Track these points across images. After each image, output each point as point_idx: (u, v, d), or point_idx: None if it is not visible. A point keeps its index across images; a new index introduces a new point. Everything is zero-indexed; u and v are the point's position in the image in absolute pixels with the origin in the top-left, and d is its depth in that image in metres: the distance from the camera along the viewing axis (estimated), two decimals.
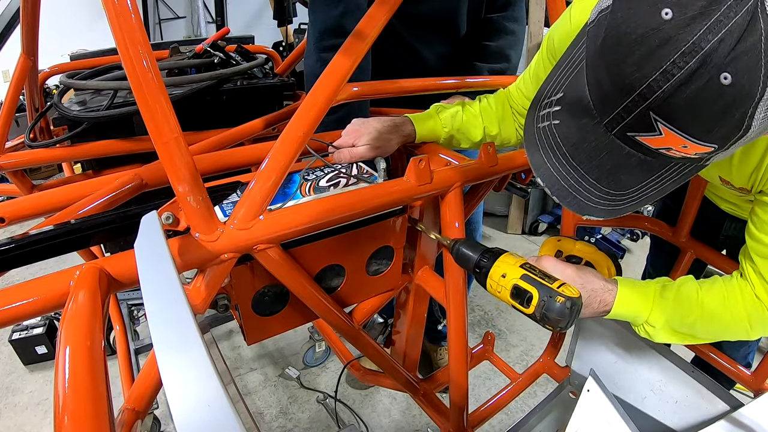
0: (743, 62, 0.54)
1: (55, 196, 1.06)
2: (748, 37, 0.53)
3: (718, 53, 0.54)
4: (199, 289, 0.90)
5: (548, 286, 0.85)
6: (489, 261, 0.93)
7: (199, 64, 1.69)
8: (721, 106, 0.57)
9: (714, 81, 0.55)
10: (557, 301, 0.83)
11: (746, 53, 0.54)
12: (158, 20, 6.05)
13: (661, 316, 0.92)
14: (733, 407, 1.21)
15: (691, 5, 0.54)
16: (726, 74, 0.54)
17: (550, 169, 0.74)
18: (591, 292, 0.91)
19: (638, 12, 0.58)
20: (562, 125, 0.72)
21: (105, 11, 0.68)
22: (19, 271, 0.84)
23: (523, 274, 0.88)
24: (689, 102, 0.57)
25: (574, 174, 0.73)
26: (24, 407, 2.34)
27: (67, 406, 0.49)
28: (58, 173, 4.23)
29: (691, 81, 0.56)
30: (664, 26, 0.55)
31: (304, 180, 1.11)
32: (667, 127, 0.61)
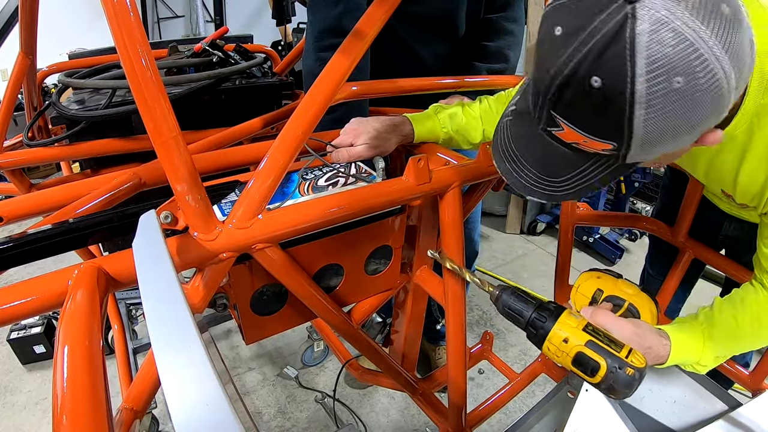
0: (610, 67, 0.63)
1: (54, 195, 1.06)
2: (615, 45, 0.62)
3: (588, 60, 0.64)
4: (197, 288, 0.90)
5: (617, 355, 0.81)
6: (547, 322, 0.87)
7: (197, 63, 1.68)
8: (595, 104, 0.66)
9: (586, 83, 0.65)
10: (627, 373, 0.80)
11: (612, 58, 0.62)
12: (157, 19, 6.04)
13: (711, 356, 0.98)
14: (731, 407, 1.21)
15: (573, 23, 0.65)
16: (596, 78, 0.64)
17: (501, 155, 0.86)
18: (647, 350, 0.92)
19: (545, 27, 0.70)
20: (514, 120, 0.85)
21: (104, 10, 0.68)
22: (17, 270, 0.84)
23: (589, 341, 0.83)
24: (571, 101, 0.69)
25: (516, 160, 0.84)
26: (22, 407, 2.34)
27: (66, 405, 0.48)
28: (56, 172, 4.22)
29: (569, 84, 0.67)
30: (554, 39, 0.67)
31: (303, 179, 1.11)
32: (564, 123, 0.72)
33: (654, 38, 0.61)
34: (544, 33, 0.70)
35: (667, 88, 0.63)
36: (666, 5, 0.60)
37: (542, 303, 0.90)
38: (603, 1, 0.63)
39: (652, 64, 0.61)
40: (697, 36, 0.61)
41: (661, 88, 0.63)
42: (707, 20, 0.61)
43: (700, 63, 0.62)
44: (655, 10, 0.60)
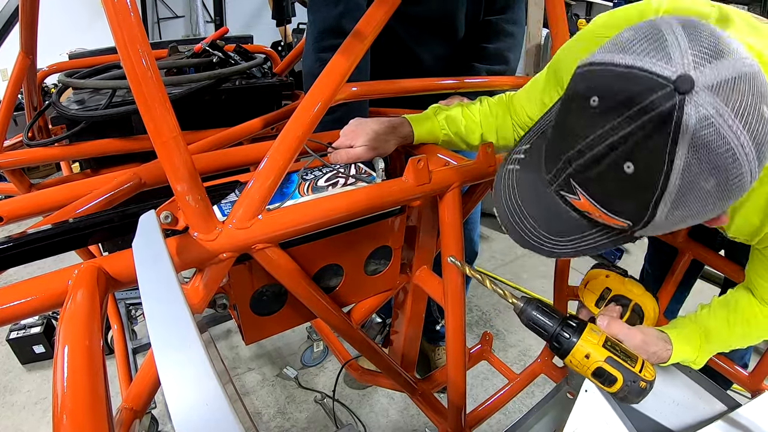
0: (647, 157, 0.61)
1: (54, 195, 1.06)
2: (657, 137, 0.60)
3: (625, 144, 0.62)
4: (197, 288, 0.90)
5: (632, 370, 0.89)
6: (571, 338, 0.92)
7: (197, 64, 1.68)
8: (622, 188, 0.66)
9: (618, 166, 0.63)
10: (640, 386, 0.89)
11: (651, 149, 0.61)
12: (157, 19, 6.04)
13: (705, 356, 1.05)
14: (730, 408, 1.22)
15: (613, 98, 0.62)
16: (629, 163, 0.62)
17: (503, 205, 0.85)
18: (652, 354, 0.99)
19: (577, 92, 0.68)
20: (521, 171, 0.84)
21: (104, 10, 0.68)
22: (17, 270, 0.84)
23: (608, 357, 0.90)
24: (597, 178, 0.67)
25: (519, 214, 0.83)
26: (21, 406, 2.34)
27: (66, 405, 0.49)
28: (56, 172, 4.22)
29: (599, 162, 0.65)
30: (588, 111, 0.64)
31: (303, 180, 1.11)
32: (583, 195, 0.71)
33: (698, 137, 0.59)
34: (576, 96, 0.68)
35: (697, 187, 0.62)
36: (714, 103, 0.59)
37: (565, 318, 0.94)
38: (650, 81, 0.61)
39: (689, 161, 0.60)
40: (737, 141, 0.60)
41: (692, 187, 0.62)
42: (748, 124, 0.60)
43: (735, 168, 0.61)
44: (703, 106, 0.59)
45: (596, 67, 0.66)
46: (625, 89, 0.62)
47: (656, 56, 0.61)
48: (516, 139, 1.28)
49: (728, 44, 0.63)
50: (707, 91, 0.59)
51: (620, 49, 0.65)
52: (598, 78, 0.66)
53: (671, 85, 0.59)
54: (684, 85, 0.58)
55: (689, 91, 0.58)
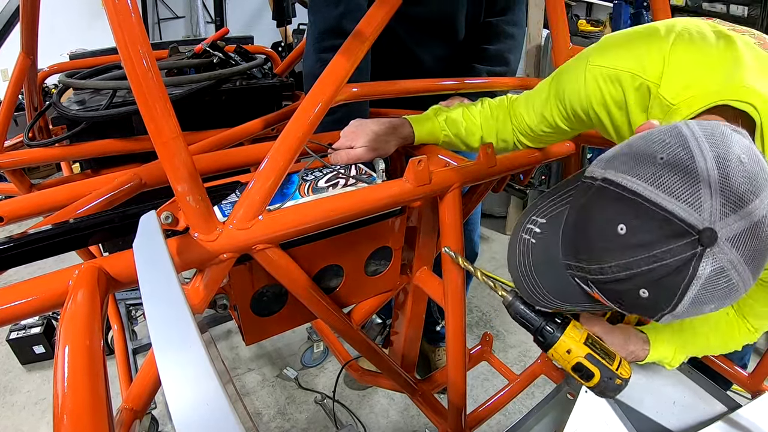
0: (663, 289, 0.67)
1: (54, 196, 1.06)
2: (674, 278, 0.65)
3: (645, 276, 0.67)
4: (197, 288, 0.90)
5: (609, 367, 0.94)
6: (554, 333, 0.96)
7: (198, 64, 1.68)
8: (635, 305, 0.72)
9: (634, 291, 0.69)
10: (615, 383, 0.94)
11: (666, 286, 0.66)
12: (157, 20, 6.04)
13: (680, 359, 1.07)
14: (730, 408, 1.22)
15: (640, 233, 0.66)
16: (645, 291, 0.68)
17: (517, 272, 0.90)
18: (630, 353, 1.03)
19: (603, 212, 0.71)
20: (537, 245, 0.88)
21: (105, 10, 0.68)
22: (18, 270, 0.84)
23: (588, 354, 0.95)
24: (613, 292, 0.73)
25: (533, 282, 0.88)
26: (21, 407, 2.34)
27: (67, 405, 0.49)
28: (56, 172, 4.22)
29: (618, 283, 0.70)
30: (614, 237, 0.68)
31: (303, 180, 1.11)
32: (598, 294, 0.76)
33: (709, 283, 0.65)
34: (603, 217, 0.71)
35: (699, 311, 0.69)
36: (731, 255, 0.64)
37: (551, 314, 0.98)
38: (677, 228, 0.64)
39: (697, 297, 0.66)
40: (742, 282, 0.66)
41: (695, 311, 0.69)
42: (756, 266, 0.66)
43: (734, 295, 0.68)
44: (720, 261, 0.64)
45: (627, 193, 0.68)
46: (651, 228, 0.66)
47: (688, 200, 0.64)
48: (516, 143, 1.29)
49: (755, 184, 0.65)
50: (727, 243, 0.63)
51: (653, 179, 0.67)
52: (626, 207, 0.68)
53: (696, 235, 0.63)
54: (708, 240, 0.63)
55: (711, 245, 0.63)
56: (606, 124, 1.05)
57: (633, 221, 0.67)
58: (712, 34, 0.94)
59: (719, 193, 0.63)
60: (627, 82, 0.96)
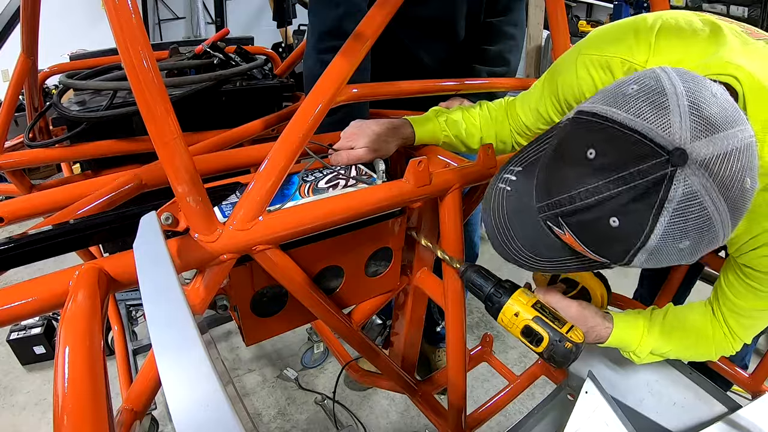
0: (633, 214, 0.66)
1: (54, 196, 1.06)
2: (644, 201, 0.65)
3: (614, 201, 0.67)
4: (197, 289, 0.90)
5: (558, 330, 0.94)
6: (502, 297, 0.99)
7: (198, 65, 1.69)
8: (606, 237, 0.71)
9: (604, 219, 0.68)
10: (565, 346, 0.93)
11: (637, 211, 0.66)
12: (158, 21, 6.04)
13: (646, 348, 1.06)
14: (731, 409, 1.22)
15: (610, 157, 0.67)
16: (615, 219, 0.68)
17: (491, 222, 0.91)
18: (590, 329, 1.02)
19: (576, 140, 0.72)
20: (512, 193, 0.88)
21: (106, 11, 0.68)
22: (18, 271, 0.84)
23: (536, 316, 0.96)
24: (585, 224, 0.72)
25: (506, 232, 0.89)
26: (22, 407, 2.34)
27: (67, 405, 0.49)
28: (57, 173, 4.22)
29: (588, 211, 0.69)
30: (584, 162, 0.69)
31: (303, 181, 1.11)
32: (569, 232, 0.75)
33: (681, 207, 0.64)
34: (574, 143, 0.72)
35: (674, 246, 0.68)
36: (702, 180, 0.64)
37: (500, 281, 1.02)
38: (646, 149, 0.64)
39: (670, 226, 0.65)
40: (717, 213, 0.65)
41: (669, 245, 0.68)
42: (730, 197, 0.65)
43: (710, 232, 0.67)
44: (691, 182, 0.64)
45: (598, 119, 0.69)
46: (621, 150, 0.66)
47: (657, 122, 0.65)
48: (514, 144, 1.29)
49: (728, 114, 0.67)
50: (698, 166, 0.63)
51: (624, 105, 0.68)
52: (597, 133, 0.69)
53: (666, 155, 0.63)
54: (678, 159, 0.63)
55: (681, 165, 0.63)
56: None
57: (603, 145, 0.67)
58: (699, 21, 0.95)
59: (689, 117, 0.64)
60: (617, 67, 0.97)
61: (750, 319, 1.01)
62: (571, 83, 1.05)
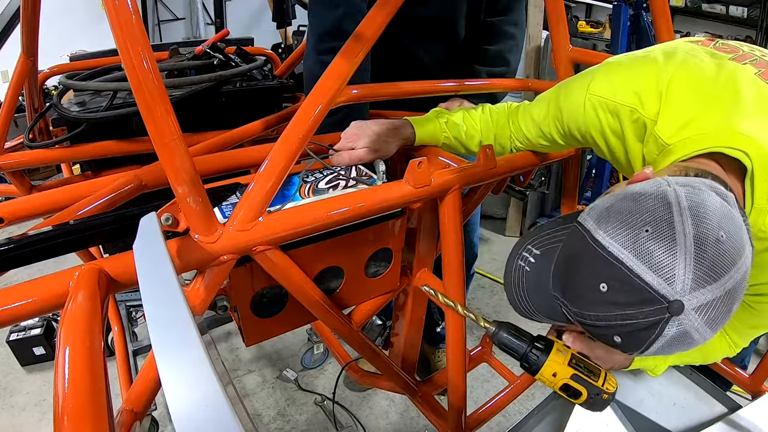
0: (633, 339, 0.75)
1: (54, 197, 1.06)
2: (644, 334, 0.73)
3: (618, 328, 0.75)
4: (198, 290, 0.90)
5: (595, 385, 0.99)
6: (539, 359, 1.01)
7: (198, 66, 1.69)
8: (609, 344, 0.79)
9: (609, 336, 0.77)
10: (603, 398, 0.99)
11: (638, 337, 0.74)
12: (157, 21, 6.05)
13: (663, 366, 1.13)
14: (731, 409, 1.22)
15: (619, 294, 0.73)
16: (618, 337, 0.76)
17: (513, 293, 0.97)
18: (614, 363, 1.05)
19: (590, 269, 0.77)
20: (531, 273, 0.95)
21: (106, 12, 0.68)
22: (18, 272, 0.84)
23: (573, 374, 0.99)
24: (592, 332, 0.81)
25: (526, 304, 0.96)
26: (22, 408, 2.34)
27: (67, 406, 0.49)
28: (56, 174, 4.22)
29: (595, 328, 0.78)
30: (597, 291, 0.75)
31: (304, 182, 1.11)
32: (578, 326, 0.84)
33: (673, 340, 0.73)
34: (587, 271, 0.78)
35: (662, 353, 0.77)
36: (694, 324, 0.71)
37: (533, 340, 1.03)
38: (650, 295, 0.71)
39: (662, 348, 0.74)
40: (702, 338, 0.73)
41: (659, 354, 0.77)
42: (717, 327, 0.74)
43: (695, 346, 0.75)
44: (685, 325, 0.71)
45: (612, 258, 0.74)
46: (630, 294, 0.73)
47: (662, 273, 0.71)
48: (512, 149, 1.30)
49: (731, 255, 0.72)
50: (692, 312, 0.70)
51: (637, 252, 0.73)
52: (610, 271, 0.75)
53: (666, 304, 0.70)
54: (675, 311, 0.70)
55: (677, 315, 0.70)
56: (602, 148, 1.09)
57: (614, 283, 0.74)
58: (711, 65, 0.95)
59: (692, 271, 0.70)
60: (625, 115, 0.99)
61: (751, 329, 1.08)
62: (577, 118, 1.08)
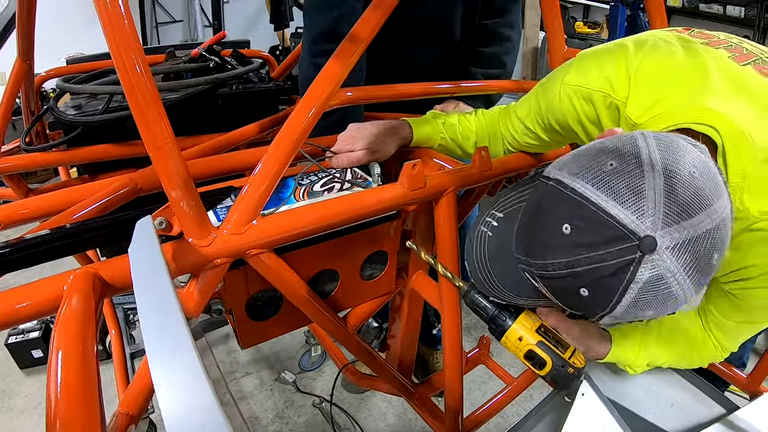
0: (602, 289, 0.69)
1: (51, 200, 1.06)
2: (613, 280, 0.67)
3: (585, 276, 0.69)
4: (192, 293, 0.90)
5: (561, 356, 0.95)
6: (506, 321, 0.99)
7: (194, 69, 1.68)
8: (576, 303, 0.75)
9: (575, 289, 0.71)
10: (568, 371, 0.95)
11: (607, 285, 0.68)
12: (155, 24, 6.04)
13: (642, 363, 1.08)
14: (729, 410, 1.22)
15: (583, 234, 0.68)
16: (584, 290, 0.70)
17: (474, 261, 0.94)
18: (588, 348, 1.03)
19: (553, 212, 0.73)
20: (493, 238, 0.92)
21: (99, 18, 0.69)
22: (15, 275, 0.84)
23: (539, 341, 0.97)
24: (557, 289, 0.76)
25: (487, 271, 0.93)
26: (20, 411, 2.34)
27: (59, 410, 0.49)
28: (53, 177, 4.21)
29: (561, 280, 0.72)
30: (560, 236, 0.70)
31: (299, 185, 1.11)
32: (544, 288, 0.79)
33: (646, 287, 0.67)
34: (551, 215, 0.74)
35: (639, 315, 0.71)
36: (670, 263, 0.65)
37: (504, 303, 1.01)
38: (619, 232, 0.66)
39: (635, 301, 0.68)
40: (681, 291, 0.68)
41: (633, 314, 0.71)
42: (695, 277, 0.68)
43: (673, 304, 0.70)
44: (659, 267, 0.66)
45: (576, 196, 0.70)
46: (595, 233, 0.68)
47: (631, 208, 0.66)
48: (505, 151, 1.30)
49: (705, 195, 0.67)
50: (667, 251, 0.65)
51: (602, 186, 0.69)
52: (573, 210, 0.70)
53: (636, 242, 0.65)
54: (647, 248, 0.65)
55: (649, 253, 0.65)
56: (582, 137, 1.08)
57: (578, 222, 0.69)
58: (681, 49, 0.95)
59: (663, 204, 0.65)
60: (599, 101, 0.99)
61: (736, 330, 1.04)
62: (555, 108, 1.08)
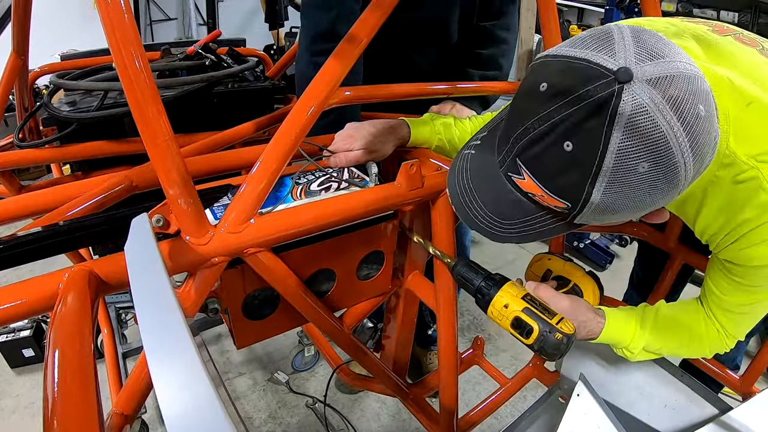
0: (584, 137, 0.68)
1: (44, 198, 1.05)
2: (595, 119, 0.66)
3: (566, 123, 0.68)
4: (188, 292, 0.90)
5: (548, 321, 0.93)
6: (492, 289, 0.98)
7: (190, 66, 1.68)
8: (562, 164, 0.71)
9: (559, 144, 0.69)
10: (556, 337, 0.92)
11: (589, 129, 0.67)
12: (149, 22, 6.01)
13: (639, 344, 1.06)
14: (722, 411, 1.22)
15: (560, 84, 0.69)
16: (568, 142, 0.68)
17: (455, 185, 0.91)
18: (582, 323, 1.01)
19: (529, 79, 0.74)
20: (475, 155, 0.90)
21: (98, 11, 0.68)
22: (6, 273, 0.83)
23: (525, 307, 0.95)
24: (539, 156, 0.73)
25: (470, 195, 0.89)
26: (11, 411, 2.32)
27: (57, 409, 0.48)
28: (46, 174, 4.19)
29: (543, 139, 0.71)
30: (537, 93, 0.71)
31: (296, 184, 1.11)
32: (527, 173, 0.76)
33: (632, 121, 0.65)
34: (529, 84, 0.75)
35: (631, 169, 0.68)
36: (651, 94, 0.65)
37: (490, 274, 1.01)
38: (594, 72, 0.67)
39: (623, 143, 0.66)
40: (671, 131, 0.66)
41: (626, 168, 0.68)
42: (684, 117, 0.66)
43: (668, 156, 0.67)
44: (639, 95, 0.65)
45: (549, 59, 0.73)
46: (570, 76, 0.69)
47: (602, 51, 0.68)
48: None
49: (671, 48, 0.70)
50: (645, 83, 0.65)
51: (573, 44, 0.72)
52: (549, 68, 0.72)
53: (612, 75, 0.65)
54: (623, 76, 0.65)
55: (628, 82, 0.65)
56: None
57: (554, 77, 0.70)
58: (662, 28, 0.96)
59: (633, 45, 0.67)
60: None
61: (739, 315, 1.02)
62: None
